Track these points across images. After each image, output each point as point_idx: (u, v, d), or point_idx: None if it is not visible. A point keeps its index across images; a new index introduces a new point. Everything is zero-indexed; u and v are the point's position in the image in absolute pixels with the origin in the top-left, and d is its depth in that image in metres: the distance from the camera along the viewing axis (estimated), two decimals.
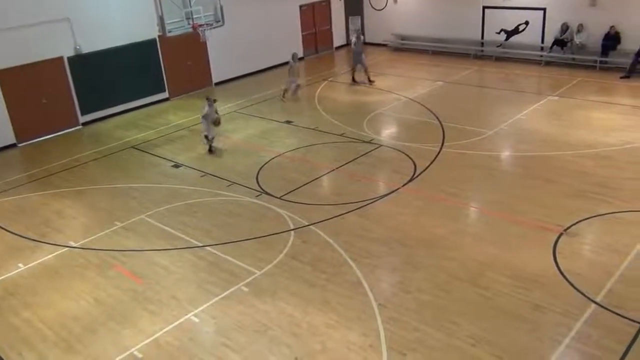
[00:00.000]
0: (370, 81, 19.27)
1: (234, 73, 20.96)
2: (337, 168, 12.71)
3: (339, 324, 7.77)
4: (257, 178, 12.50)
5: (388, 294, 8.37)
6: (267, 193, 11.71)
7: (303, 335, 7.62)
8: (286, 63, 19.42)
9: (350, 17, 25.08)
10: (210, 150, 14.18)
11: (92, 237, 10.55)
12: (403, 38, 23.88)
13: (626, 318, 7.47)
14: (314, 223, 10.41)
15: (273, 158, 13.55)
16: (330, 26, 24.63)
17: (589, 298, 7.90)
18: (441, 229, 9.95)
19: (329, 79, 20.53)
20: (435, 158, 12.88)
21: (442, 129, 14.64)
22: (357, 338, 7.48)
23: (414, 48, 23.48)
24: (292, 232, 10.20)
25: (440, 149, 13.37)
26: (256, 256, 9.52)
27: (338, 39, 25.10)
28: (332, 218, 10.55)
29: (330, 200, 11.28)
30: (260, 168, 12.99)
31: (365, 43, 24.97)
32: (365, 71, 19.33)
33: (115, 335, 7.92)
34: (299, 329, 7.73)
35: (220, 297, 8.53)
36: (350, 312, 7.99)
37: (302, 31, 23.26)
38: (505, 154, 13.27)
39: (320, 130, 15.13)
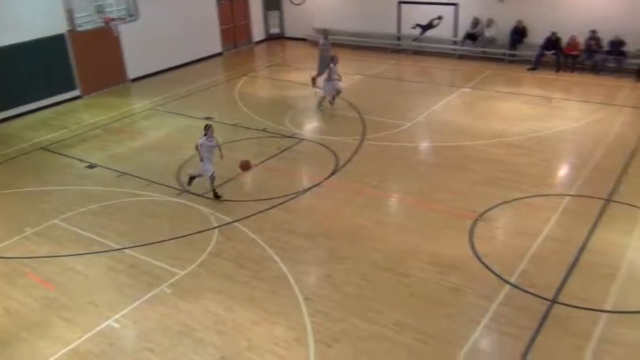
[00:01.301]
0: (314, 82, 17.94)
1: (150, 69, 20.29)
2: (259, 163, 12.62)
3: (265, 319, 7.73)
4: (177, 176, 12.20)
5: (314, 287, 8.42)
6: (188, 191, 11.46)
7: (229, 333, 7.53)
8: (206, 58, 18.98)
9: (268, 12, 24.95)
10: (217, 196, 11.02)
11: (0, 245, 9.92)
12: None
13: (537, 296, 7.90)
14: (238, 220, 10.29)
15: (194, 156, 13.22)
16: (249, 21, 24.39)
17: (503, 279, 8.30)
18: (364, 221, 10.12)
19: (249, 74, 20.34)
20: (356, 151, 13.07)
21: (363, 121, 14.87)
22: (284, 332, 7.47)
23: (334, 42, 23.61)
24: (216, 229, 10.04)
25: (361, 141, 13.58)
26: (179, 256, 9.29)
27: (257, 33, 24.89)
28: (256, 214, 10.48)
29: (254, 196, 11.20)
30: (181, 166, 12.68)
31: (285, 37, 25.09)
32: (319, 74, 17.63)
33: (30, 347, 7.50)
34: (225, 327, 7.63)
35: (141, 300, 8.26)
36: (276, 307, 7.98)
37: (220, 25, 22.88)
38: (423, 144, 13.68)
39: (241, 126, 14.97)
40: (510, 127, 14.01)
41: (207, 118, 15.58)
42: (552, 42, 18.68)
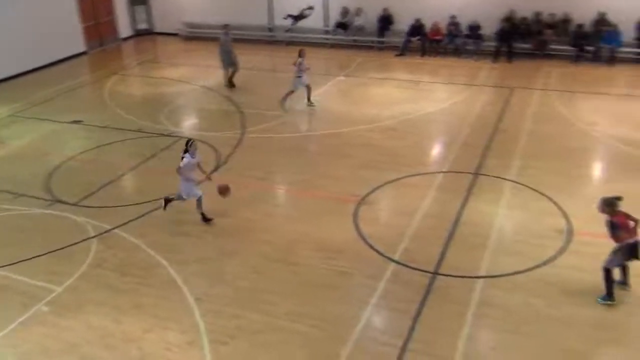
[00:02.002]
0: (231, 84, 16.94)
1: (4, 73, 18.62)
2: (137, 166, 12.10)
3: (156, 326, 7.47)
4: (46, 186, 11.37)
5: (204, 287, 8.25)
6: (60, 201, 10.73)
7: (118, 345, 7.18)
8: (69, 58, 17.78)
9: (134, 7, 23.89)
10: (206, 219, 9.82)
11: None
12: (193, 26, 23.43)
13: (420, 270, 8.33)
14: (118, 226, 9.81)
15: (64, 162, 12.43)
16: (114, 16, 23.18)
17: (388, 258, 8.66)
18: (251, 214, 10.07)
19: (119, 73, 19.39)
20: (237, 145, 12.95)
21: (242, 115, 14.75)
22: (176, 337, 7.27)
23: (206, 36, 23.18)
24: (94, 239, 9.50)
25: (242, 135, 13.48)
26: (55, 271, 8.68)
27: (124, 29, 23.74)
28: (137, 218, 10.05)
29: (134, 200, 10.72)
30: (50, 175, 11.83)
31: (155, 33, 24.19)
32: (233, 72, 16.92)
33: None
34: (113, 340, 7.27)
35: (17, 322, 7.63)
36: (167, 312, 7.73)
37: (82, 22, 21.51)
38: (304, 134, 13.87)
39: (114, 128, 14.23)
40: (384, 111, 14.58)
41: (75, 122, 14.65)
42: (417, 29, 19.68)
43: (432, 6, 19.57)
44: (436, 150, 12.80)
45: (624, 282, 7.71)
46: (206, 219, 9.83)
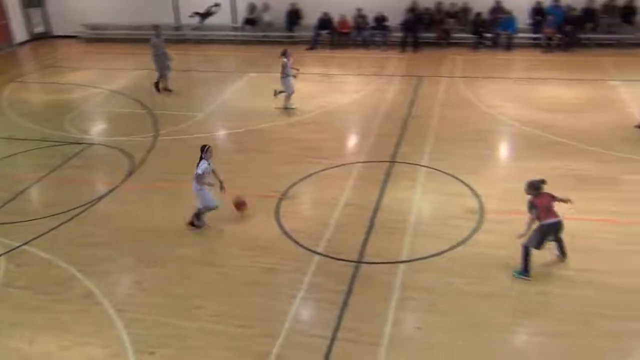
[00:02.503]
0: (157, 87, 16.11)
1: None
2: (44, 177, 11.46)
3: (76, 342, 7.12)
4: None
5: (125, 297, 7.96)
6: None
7: None
8: None
9: (29, 10, 22.54)
10: (193, 224, 9.41)
11: None
12: (95, 28, 22.45)
13: (344, 260, 8.45)
14: (28, 242, 9.26)
15: None
16: (7, 20, 21.76)
17: (312, 251, 8.72)
18: (170, 218, 9.81)
19: (17, 80, 18.25)
20: (151, 149, 12.56)
21: (154, 117, 14.32)
22: (99, 351, 6.97)
23: (109, 38, 22.32)
24: (2, 257, 8.91)
25: (155, 138, 13.09)
26: None
27: (19, 34, 22.34)
28: (48, 232, 9.52)
29: (43, 213, 10.14)
30: None
31: (53, 36, 22.99)
32: (161, 78, 16.19)
33: None
34: None
35: None
36: (87, 327, 7.39)
37: None
38: (221, 132, 13.67)
39: (16, 139, 13.39)
40: (300, 106, 14.63)
41: None
42: (325, 22, 19.89)
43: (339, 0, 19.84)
44: (353, 141, 13.01)
45: (562, 254, 8.13)
46: (193, 225, 9.36)
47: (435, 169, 10.98)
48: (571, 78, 15.84)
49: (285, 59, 14.05)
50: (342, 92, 15.73)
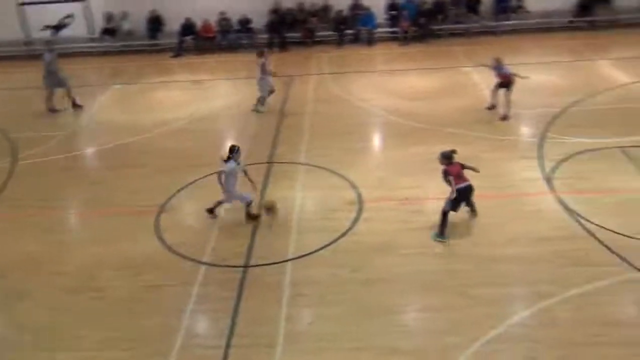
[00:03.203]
0: (76, 105, 14.95)
1: None
2: None
3: None
4: None
5: None
6: None
7: None
8: None
9: None
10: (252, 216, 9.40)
11: None
12: None
13: (231, 266, 8.37)
14: None
15: None
16: None
17: (197, 261, 8.53)
18: (40, 246, 9.13)
19: None
20: (10, 175, 11.59)
21: (10, 141, 13.21)
22: None
23: None
24: None
25: (13, 163, 12.09)
26: None
27: None
28: None
29: None
30: None
31: None
32: (69, 93, 14.92)
33: None
34: None
35: None
36: None
37: None
38: (89, 150, 12.94)
39: None
40: (170, 114, 14.23)
41: None
42: (188, 28, 19.49)
43: (201, 4, 19.51)
44: (228, 146, 12.82)
45: (472, 210, 9.10)
46: (211, 211, 9.56)
47: (314, 166, 11.20)
48: (428, 67, 16.86)
49: (263, 59, 13.88)
50: (213, 97, 15.53)
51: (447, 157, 8.56)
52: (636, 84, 14.18)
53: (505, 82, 12.52)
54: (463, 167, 8.65)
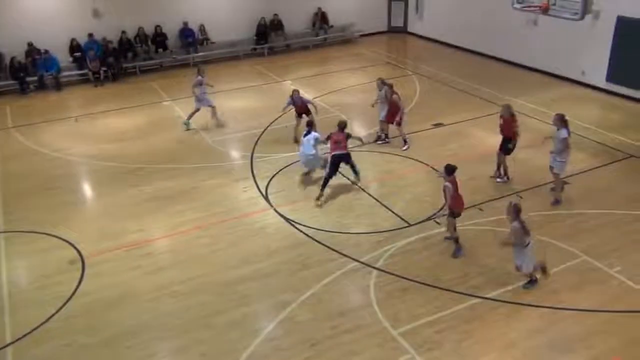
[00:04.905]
0: None
1: None
2: None
3: None
4: None
5: None
6: None
7: None
8: None
9: None
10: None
11: None
12: None
13: None
14: None
15: None
16: None
17: None
18: None
19: None
20: None
21: None
22: None
23: None
24: None
25: None
26: None
27: None
28: None
29: None
30: None
31: None
32: None
33: None
34: None
35: None
36: None
37: None
38: None
39: None
40: None
41: None
42: None
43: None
44: None
45: (356, 173, 10.96)
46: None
47: (15, 231, 9.87)
48: (129, 106, 16.31)
49: (201, 77, 13.97)
50: None
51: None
52: (322, 97, 16.03)
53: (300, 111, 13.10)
54: (348, 137, 10.59)
